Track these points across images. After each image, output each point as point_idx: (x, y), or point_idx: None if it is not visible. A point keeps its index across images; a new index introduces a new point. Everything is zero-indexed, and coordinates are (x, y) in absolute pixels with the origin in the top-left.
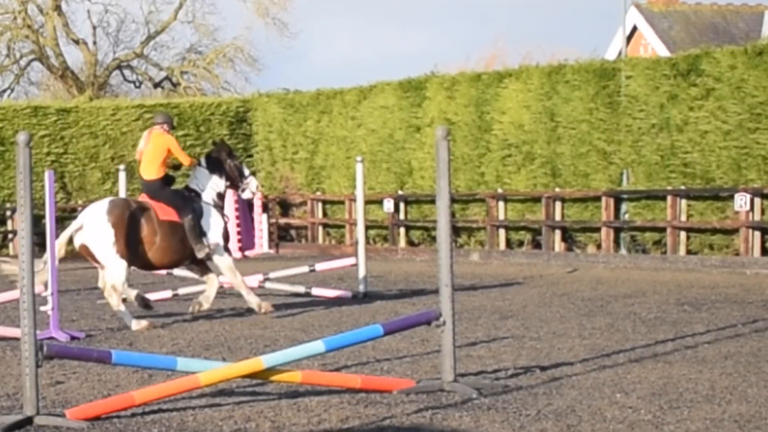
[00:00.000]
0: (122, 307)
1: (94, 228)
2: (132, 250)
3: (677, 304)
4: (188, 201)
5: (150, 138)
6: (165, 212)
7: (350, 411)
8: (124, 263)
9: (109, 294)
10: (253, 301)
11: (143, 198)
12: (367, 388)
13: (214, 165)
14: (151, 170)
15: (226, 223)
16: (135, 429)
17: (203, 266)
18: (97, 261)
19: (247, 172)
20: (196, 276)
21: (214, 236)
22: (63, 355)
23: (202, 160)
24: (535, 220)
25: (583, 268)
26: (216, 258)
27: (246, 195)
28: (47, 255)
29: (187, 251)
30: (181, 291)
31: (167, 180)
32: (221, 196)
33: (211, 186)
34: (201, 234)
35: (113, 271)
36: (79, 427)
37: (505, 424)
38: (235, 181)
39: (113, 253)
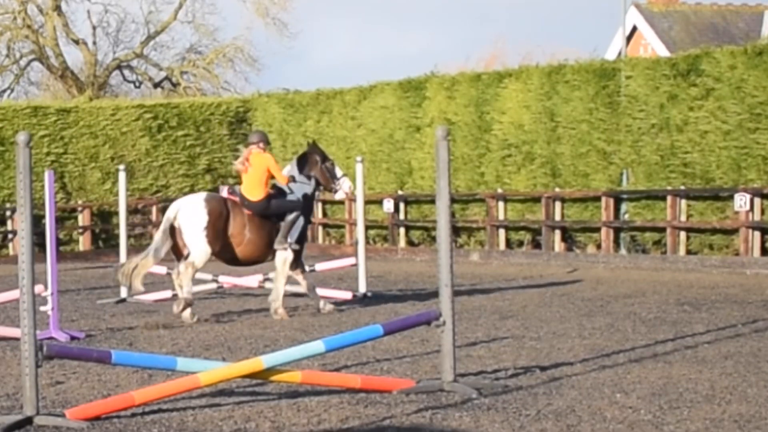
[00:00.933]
0: (189, 285)
1: (190, 212)
2: (222, 242)
3: (677, 304)
4: (294, 202)
5: (250, 159)
6: None
7: (350, 411)
8: (209, 249)
9: (184, 268)
10: (277, 304)
11: (233, 197)
12: (367, 388)
13: (306, 163)
14: (256, 192)
15: (310, 222)
16: (135, 429)
17: (296, 263)
18: (181, 245)
19: (339, 173)
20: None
21: (293, 237)
22: (63, 355)
23: (296, 175)
24: (534, 220)
25: (583, 268)
26: (279, 252)
27: (339, 196)
28: (148, 251)
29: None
30: None
31: (270, 197)
32: (308, 197)
33: (299, 187)
34: (288, 233)
35: (196, 252)
36: (79, 427)
37: (505, 424)
38: (327, 183)
39: (203, 237)
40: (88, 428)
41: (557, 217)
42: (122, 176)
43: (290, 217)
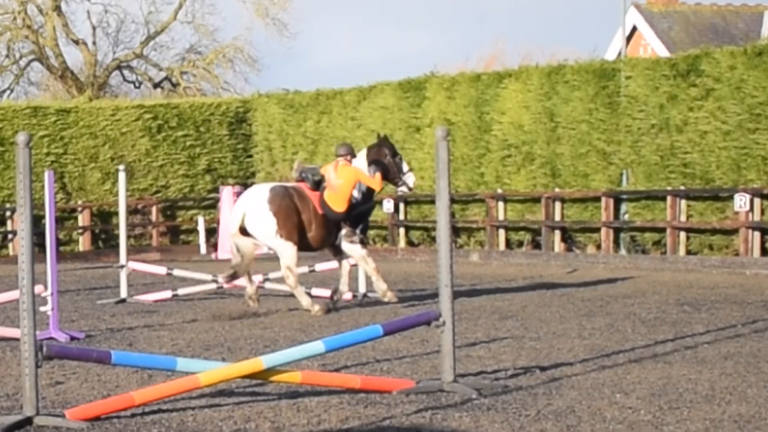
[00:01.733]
0: (300, 288)
1: (257, 216)
2: (298, 232)
3: (677, 305)
4: (367, 204)
5: (337, 171)
6: (320, 204)
7: (350, 411)
8: (291, 245)
9: (285, 276)
10: (381, 287)
11: (301, 186)
12: (367, 388)
13: (373, 160)
14: (341, 203)
15: (369, 212)
16: (135, 429)
17: (338, 250)
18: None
19: (406, 168)
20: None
21: (358, 228)
22: (63, 356)
23: (364, 167)
24: (534, 220)
25: (583, 269)
26: (352, 246)
27: (402, 189)
28: (240, 254)
29: (332, 238)
30: (181, 291)
31: (352, 207)
32: (372, 190)
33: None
34: (355, 227)
35: (284, 254)
36: (79, 427)
37: (505, 424)
38: (393, 177)
39: (279, 238)
40: (88, 428)
41: (557, 218)
42: (122, 176)
43: (366, 217)
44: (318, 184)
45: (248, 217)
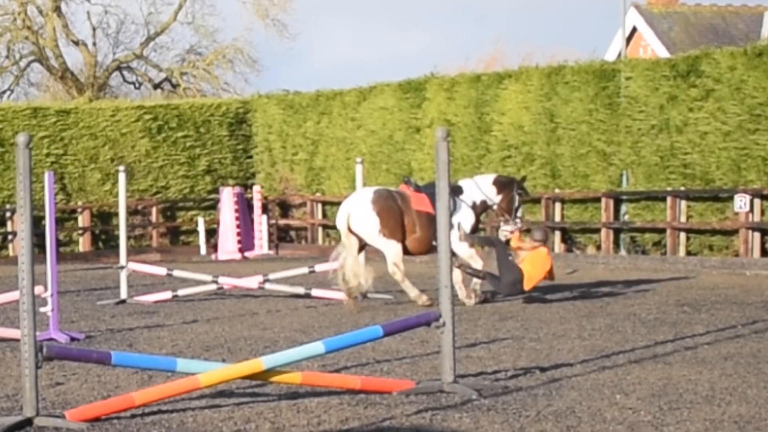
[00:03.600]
0: (407, 282)
1: (361, 216)
2: (401, 233)
3: (677, 305)
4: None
5: (537, 256)
6: (420, 203)
7: (350, 412)
8: (395, 242)
9: (392, 271)
10: (461, 294)
11: (403, 188)
12: (367, 389)
13: (502, 184)
14: (528, 284)
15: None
16: (135, 430)
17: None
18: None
19: (519, 213)
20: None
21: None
22: (63, 357)
23: (486, 185)
24: (534, 221)
25: (583, 269)
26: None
27: (505, 228)
28: (343, 257)
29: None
30: (181, 292)
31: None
32: (482, 205)
33: (482, 192)
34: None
35: (388, 252)
36: (79, 428)
37: (505, 425)
38: (503, 212)
39: (382, 237)
40: (88, 429)
41: (557, 218)
42: (122, 177)
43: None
44: (505, 245)
45: (353, 217)
